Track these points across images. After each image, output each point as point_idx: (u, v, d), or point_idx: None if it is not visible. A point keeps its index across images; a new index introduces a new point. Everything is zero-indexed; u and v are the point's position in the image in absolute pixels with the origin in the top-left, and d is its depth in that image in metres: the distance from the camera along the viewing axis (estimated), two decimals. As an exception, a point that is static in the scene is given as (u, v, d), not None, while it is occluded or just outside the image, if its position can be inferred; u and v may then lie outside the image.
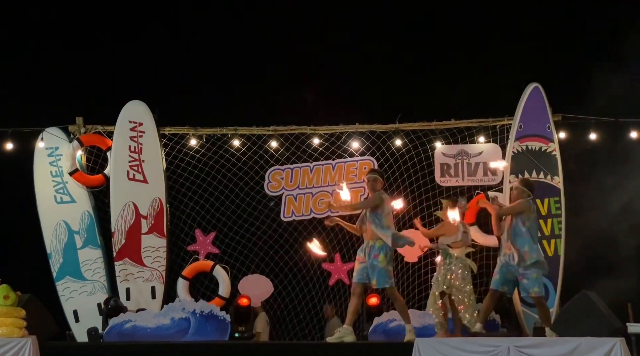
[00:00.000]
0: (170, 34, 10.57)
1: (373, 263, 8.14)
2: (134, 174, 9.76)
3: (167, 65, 10.38)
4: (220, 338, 8.81)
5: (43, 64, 10.38)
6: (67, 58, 10.41)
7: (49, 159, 9.94)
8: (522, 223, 8.05)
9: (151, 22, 10.60)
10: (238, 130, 10.08)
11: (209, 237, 10.00)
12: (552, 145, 9.36)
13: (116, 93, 10.08)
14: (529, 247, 7.99)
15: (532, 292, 8.00)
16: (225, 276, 9.84)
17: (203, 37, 10.55)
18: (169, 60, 10.41)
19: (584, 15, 9.88)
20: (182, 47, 10.55)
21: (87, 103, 10.18)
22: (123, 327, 8.90)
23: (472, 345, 7.21)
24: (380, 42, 10.34)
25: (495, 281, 8.17)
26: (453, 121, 9.82)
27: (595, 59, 9.68)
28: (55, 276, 9.78)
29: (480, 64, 9.98)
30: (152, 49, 10.46)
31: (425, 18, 10.31)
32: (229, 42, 10.58)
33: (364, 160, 9.97)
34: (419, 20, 10.34)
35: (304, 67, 10.24)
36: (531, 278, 7.97)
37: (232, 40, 10.60)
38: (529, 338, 7.61)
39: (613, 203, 9.44)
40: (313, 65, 10.21)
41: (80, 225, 9.81)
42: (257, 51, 10.55)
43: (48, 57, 10.42)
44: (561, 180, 9.27)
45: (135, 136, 9.84)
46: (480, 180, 9.73)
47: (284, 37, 10.51)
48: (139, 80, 10.19)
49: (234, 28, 10.65)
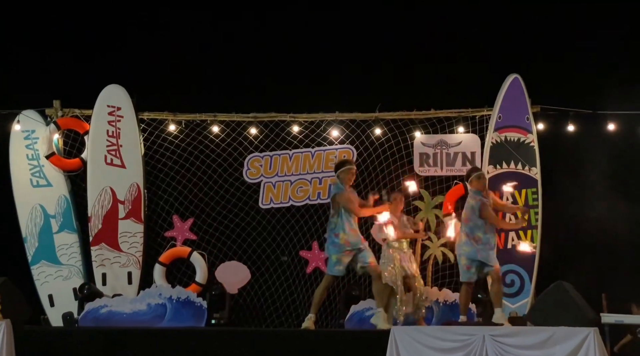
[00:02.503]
0: (150, 18, 10.46)
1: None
2: (112, 159, 9.69)
3: (146, 49, 10.29)
4: (196, 324, 8.80)
5: (20, 45, 10.24)
6: (45, 40, 10.28)
7: (25, 142, 9.84)
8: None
9: (132, 6, 10.48)
10: (217, 116, 10.03)
11: (187, 223, 9.96)
12: (531, 136, 9.41)
13: (95, 77, 9.98)
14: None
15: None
16: (202, 262, 9.81)
17: (183, 22, 10.46)
18: (148, 44, 10.32)
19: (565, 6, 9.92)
20: (162, 31, 10.45)
21: (64, 87, 10.07)
22: (98, 312, 8.86)
23: (447, 333, 7.25)
24: (360, 30, 10.31)
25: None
26: (433, 111, 9.85)
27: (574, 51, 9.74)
28: (30, 261, 9.70)
29: (460, 54, 9.99)
30: (132, 33, 10.36)
31: (405, 7, 10.29)
32: (209, 27, 10.50)
33: (343, 149, 9.96)
34: (399, 9, 10.33)
35: (284, 54, 10.20)
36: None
37: (212, 26, 10.52)
38: (503, 327, 7.67)
39: (590, 194, 9.53)
40: (293, 53, 10.17)
41: (57, 209, 9.73)
42: (236, 37, 10.48)
43: (25, 39, 10.28)
44: (539, 171, 9.33)
45: (113, 120, 9.77)
46: (459, 170, 9.77)
47: (264, 23, 10.45)
48: (118, 64, 10.09)
49: (214, 14, 10.57)
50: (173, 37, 10.40)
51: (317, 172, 9.90)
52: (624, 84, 9.39)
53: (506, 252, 9.25)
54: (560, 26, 9.92)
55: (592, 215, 9.49)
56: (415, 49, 10.19)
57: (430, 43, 10.15)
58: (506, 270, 9.20)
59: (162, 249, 9.86)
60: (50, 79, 10.13)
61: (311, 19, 10.26)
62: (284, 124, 9.99)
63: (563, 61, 9.81)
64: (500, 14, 10.04)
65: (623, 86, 9.37)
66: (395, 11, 10.35)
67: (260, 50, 10.34)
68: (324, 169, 9.90)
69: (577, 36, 9.84)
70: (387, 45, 10.24)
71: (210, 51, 10.39)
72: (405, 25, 10.26)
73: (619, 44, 9.76)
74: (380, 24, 10.36)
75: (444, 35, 10.14)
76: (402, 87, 10.07)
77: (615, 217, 9.39)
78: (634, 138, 9.58)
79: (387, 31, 10.30)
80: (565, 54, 9.85)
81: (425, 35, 10.18)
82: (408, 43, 10.21)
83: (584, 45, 9.74)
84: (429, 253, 9.70)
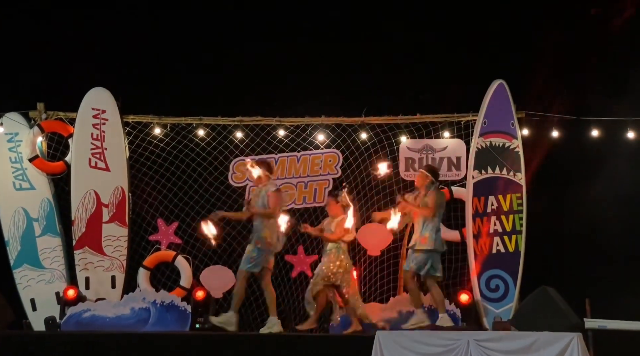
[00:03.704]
0: (136, 20, 10.42)
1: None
2: (96, 162, 9.63)
3: (132, 52, 10.25)
4: (180, 328, 8.75)
5: (3, 47, 10.17)
6: (29, 41, 10.21)
7: (9, 145, 9.77)
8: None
9: (117, 8, 10.44)
10: (203, 119, 10.00)
11: (171, 227, 9.91)
12: (516, 141, 9.45)
13: (79, 80, 9.92)
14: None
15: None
16: (187, 266, 9.77)
17: (169, 24, 10.43)
18: (134, 47, 10.27)
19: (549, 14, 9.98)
20: (147, 34, 10.41)
21: (49, 89, 10.01)
22: (81, 316, 8.80)
23: (432, 338, 7.26)
24: (347, 35, 10.33)
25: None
26: (418, 116, 9.87)
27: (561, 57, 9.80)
28: (12, 264, 9.62)
29: (446, 60, 10.02)
30: (117, 36, 10.31)
31: (393, 13, 10.32)
32: (195, 30, 10.47)
33: (329, 153, 9.96)
34: (387, 14, 10.35)
35: (270, 58, 10.19)
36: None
37: (199, 29, 10.49)
38: (488, 332, 7.70)
39: (574, 199, 9.58)
40: (279, 57, 10.16)
41: (40, 212, 9.66)
42: (223, 41, 10.46)
43: (9, 40, 10.21)
44: (523, 176, 9.37)
45: (97, 123, 9.72)
46: (445, 175, 9.79)
47: (251, 27, 10.45)
48: (103, 67, 10.04)
49: (201, 17, 10.55)
50: (159, 39, 10.36)
51: (303, 176, 9.88)
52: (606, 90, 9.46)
53: (491, 256, 9.27)
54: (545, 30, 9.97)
55: (577, 220, 9.54)
56: (401, 54, 10.22)
57: (415, 48, 10.18)
58: (490, 275, 9.23)
59: (146, 253, 9.81)
60: (34, 81, 10.06)
61: (297, 22, 10.26)
62: (269, 128, 9.98)
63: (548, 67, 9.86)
64: (486, 18, 10.08)
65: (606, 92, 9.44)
66: (381, 15, 10.37)
67: (246, 53, 10.32)
68: (310, 173, 9.89)
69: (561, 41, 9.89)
70: (373, 50, 10.26)
71: (196, 54, 10.36)
72: (392, 30, 10.28)
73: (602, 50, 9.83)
74: (366, 29, 10.38)
75: (430, 40, 10.18)
76: (388, 91, 10.09)
77: (600, 221, 9.45)
78: (617, 144, 9.64)
79: (372, 35, 10.32)
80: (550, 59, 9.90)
81: (411, 40, 10.20)
82: (394, 47, 10.23)
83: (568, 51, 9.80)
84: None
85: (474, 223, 9.31)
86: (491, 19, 10.09)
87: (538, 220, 9.39)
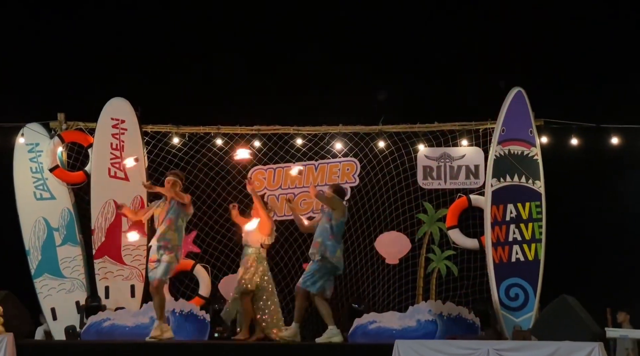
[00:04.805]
0: (155, 31, 10.51)
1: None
2: (115, 171, 9.69)
3: (151, 62, 10.32)
4: (199, 337, 8.77)
5: (25, 58, 10.28)
6: (50, 53, 10.31)
7: (29, 155, 9.85)
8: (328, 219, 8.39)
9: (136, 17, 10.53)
10: (221, 128, 10.04)
11: (190, 236, 9.94)
12: (534, 149, 9.40)
13: (99, 90, 10.00)
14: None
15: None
16: (205, 275, 9.79)
17: (188, 35, 10.50)
18: (153, 57, 10.35)
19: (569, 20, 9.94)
20: (167, 44, 10.49)
21: (69, 100, 10.09)
22: (101, 326, 8.84)
23: (451, 347, 7.22)
24: (363, 43, 10.34)
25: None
26: (436, 124, 9.84)
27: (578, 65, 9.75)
28: (33, 274, 9.68)
29: (464, 67, 10.01)
30: (136, 46, 10.39)
31: (409, 20, 10.32)
32: (213, 40, 10.53)
33: (346, 162, 9.96)
34: (404, 22, 10.35)
35: (288, 67, 10.22)
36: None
37: (218, 39, 10.56)
38: (508, 342, 7.65)
39: (594, 208, 9.51)
40: (297, 66, 10.19)
41: (60, 222, 9.73)
42: (241, 50, 10.51)
43: (30, 52, 10.32)
44: (542, 184, 9.31)
45: (117, 133, 9.78)
46: (463, 183, 9.77)
47: (268, 37, 10.49)
48: (122, 77, 10.11)
49: (219, 27, 10.61)
50: (178, 49, 10.43)
51: (321, 185, 9.90)
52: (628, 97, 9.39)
53: (510, 265, 9.22)
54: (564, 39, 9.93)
55: (597, 229, 9.47)
56: (419, 61, 10.21)
57: (433, 56, 10.18)
58: (510, 284, 9.17)
59: (165, 262, 9.82)
60: (55, 92, 10.15)
61: (314, 33, 10.28)
62: (287, 137, 10.00)
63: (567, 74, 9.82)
64: (504, 26, 10.06)
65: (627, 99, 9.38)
66: (399, 24, 10.38)
67: (264, 62, 10.36)
68: (327, 182, 9.89)
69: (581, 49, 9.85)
70: (391, 58, 10.26)
71: (215, 64, 10.42)
72: (409, 39, 10.28)
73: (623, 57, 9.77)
74: (384, 37, 10.39)
75: (448, 48, 10.17)
76: (405, 99, 10.09)
77: (621, 230, 9.37)
78: (638, 151, 9.56)
79: (390, 44, 10.33)
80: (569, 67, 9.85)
81: (429, 48, 10.20)
82: (412, 56, 10.24)
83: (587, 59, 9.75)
84: (432, 266, 9.68)
85: (493, 232, 9.26)
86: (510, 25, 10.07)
87: (558, 228, 9.33)
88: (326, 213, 8.54)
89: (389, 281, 9.75)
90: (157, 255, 8.55)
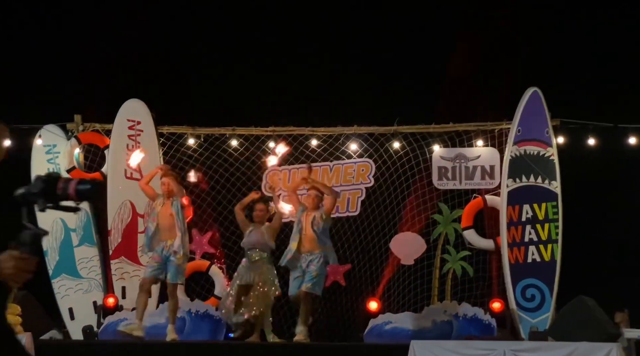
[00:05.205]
0: (170, 32, 10.55)
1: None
2: (132, 173, 9.73)
3: (166, 64, 10.35)
4: (215, 338, 8.79)
5: (42, 60, 10.35)
6: (66, 55, 10.38)
7: (47, 156, 9.91)
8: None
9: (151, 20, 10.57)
10: (236, 130, 10.06)
11: (205, 237, 9.97)
12: (550, 149, 9.34)
13: (115, 92, 10.05)
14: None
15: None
16: (221, 276, 9.81)
17: (203, 36, 10.53)
18: (168, 58, 10.39)
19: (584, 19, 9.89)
20: (182, 45, 10.53)
21: (85, 101, 10.15)
22: (118, 326, 8.86)
23: (467, 348, 7.20)
24: (379, 43, 10.33)
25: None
26: (451, 124, 9.81)
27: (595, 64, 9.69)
28: (51, 274, 9.74)
29: (479, 67, 9.97)
30: (152, 48, 10.43)
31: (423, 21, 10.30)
32: (229, 41, 10.56)
33: (361, 162, 9.95)
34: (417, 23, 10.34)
35: (303, 67, 10.23)
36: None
37: (233, 39, 10.58)
38: (525, 342, 7.62)
39: (611, 208, 9.44)
40: (312, 66, 10.19)
41: (77, 223, 9.77)
42: (255, 50, 10.53)
43: (47, 53, 10.39)
44: (559, 184, 9.26)
45: (133, 135, 9.82)
46: (478, 184, 9.73)
47: (284, 37, 10.50)
48: (138, 79, 10.16)
49: (235, 27, 10.64)
50: (193, 50, 10.47)
51: (336, 186, 9.90)
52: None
53: (526, 265, 9.18)
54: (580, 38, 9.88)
55: (614, 229, 9.40)
56: (434, 62, 10.19)
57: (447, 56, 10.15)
58: (526, 284, 9.13)
59: (181, 262, 9.85)
60: (72, 94, 10.22)
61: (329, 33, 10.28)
62: (302, 138, 10.00)
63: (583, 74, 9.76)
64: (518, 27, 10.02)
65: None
66: (413, 25, 10.36)
67: (279, 64, 10.38)
68: (343, 183, 9.89)
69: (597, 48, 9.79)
70: (405, 59, 10.25)
71: (230, 65, 10.44)
72: (423, 39, 10.26)
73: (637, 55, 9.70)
74: (398, 38, 10.38)
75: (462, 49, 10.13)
76: (421, 100, 10.06)
77: (638, 231, 9.30)
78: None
79: (404, 45, 10.32)
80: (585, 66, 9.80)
81: (443, 48, 10.18)
82: (426, 56, 10.21)
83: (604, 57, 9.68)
84: (447, 267, 9.65)
85: (509, 232, 9.22)
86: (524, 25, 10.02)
87: (575, 229, 9.27)
88: (319, 211, 8.40)
89: (404, 282, 9.73)
90: (161, 256, 8.38)
